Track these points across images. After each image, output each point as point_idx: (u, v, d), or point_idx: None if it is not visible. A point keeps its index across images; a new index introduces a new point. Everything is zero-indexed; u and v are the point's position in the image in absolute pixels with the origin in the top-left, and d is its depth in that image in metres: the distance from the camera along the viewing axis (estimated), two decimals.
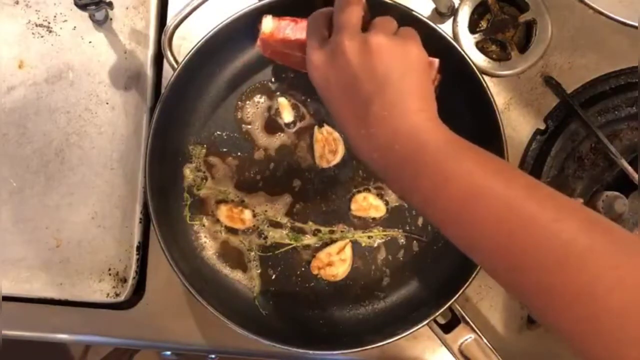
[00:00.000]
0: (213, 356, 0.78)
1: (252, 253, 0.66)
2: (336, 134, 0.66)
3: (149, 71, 0.69)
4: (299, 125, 0.67)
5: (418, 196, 0.43)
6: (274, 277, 0.66)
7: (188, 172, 0.66)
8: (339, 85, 0.46)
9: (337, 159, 0.66)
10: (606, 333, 0.35)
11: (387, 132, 0.44)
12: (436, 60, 0.56)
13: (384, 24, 0.47)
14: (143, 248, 0.67)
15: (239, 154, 0.67)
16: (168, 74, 0.68)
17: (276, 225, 0.66)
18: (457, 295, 0.59)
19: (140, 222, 0.67)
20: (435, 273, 0.65)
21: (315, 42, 0.48)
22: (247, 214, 0.65)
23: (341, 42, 0.45)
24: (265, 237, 0.66)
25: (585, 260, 0.36)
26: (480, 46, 0.69)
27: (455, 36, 0.68)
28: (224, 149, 0.67)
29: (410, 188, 0.44)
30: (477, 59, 0.67)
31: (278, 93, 0.67)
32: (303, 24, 0.57)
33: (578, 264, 0.36)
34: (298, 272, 0.66)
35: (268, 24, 0.57)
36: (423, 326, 0.59)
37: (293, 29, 0.57)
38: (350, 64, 0.44)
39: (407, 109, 0.43)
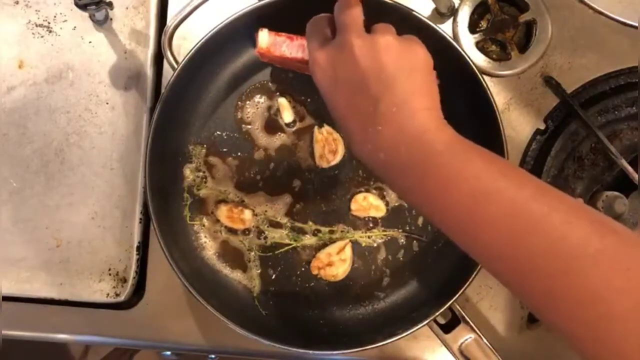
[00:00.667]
0: (213, 356, 0.78)
1: (252, 253, 0.66)
2: (336, 134, 0.66)
3: (149, 71, 0.69)
4: (299, 125, 0.67)
5: (422, 198, 0.43)
6: (274, 277, 0.66)
7: (188, 172, 0.66)
8: (346, 83, 0.45)
9: (337, 159, 0.66)
10: (611, 336, 0.35)
11: (394, 130, 0.43)
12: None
13: (386, 27, 0.47)
14: (143, 248, 0.67)
15: (239, 154, 0.67)
16: (168, 74, 0.68)
17: (276, 225, 0.66)
18: (457, 295, 0.59)
19: (140, 222, 0.67)
20: (435, 273, 0.65)
21: (317, 42, 0.48)
22: (247, 214, 0.65)
23: (349, 40, 0.45)
24: (265, 237, 0.66)
25: (596, 263, 0.36)
26: (480, 46, 0.69)
27: (455, 36, 0.68)
28: (224, 149, 0.67)
29: (414, 189, 0.44)
30: (477, 59, 0.67)
31: (278, 93, 0.67)
32: (299, 41, 0.57)
33: (589, 267, 0.36)
34: (298, 272, 0.66)
35: (264, 38, 0.57)
36: (423, 326, 0.59)
37: (289, 47, 0.57)
38: (358, 62, 0.44)
39: (414, 107, 0.43)
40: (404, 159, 0.43)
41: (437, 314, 0.59)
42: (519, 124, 0.68)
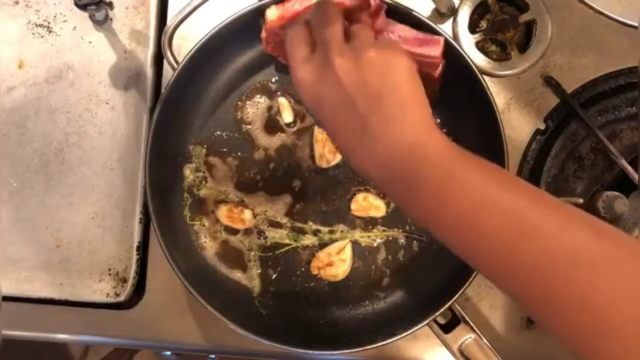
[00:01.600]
0: (213, 356, 0.78)
1: (252, 253, 0.66)
2: None
3: (149, 71, 0.69)
4: (299, 125, 0.67)
5: (421, 211, 0.43)
6: (274, 277, 0.66)
7: (188, 172, 0.66)
8: (332, 103, 0.44)
9: (337, 159, 0.66)
10: (609, 343, 0.35)
11: (386, 148, 0.42)
12: (441, 39, 0.56)
13: (365, 34, 0.46)
14: (143, 248, 0.67)
15: (239, 154, 0.67)
16: (168, 74, 0.68)
17: (276, 225, 0.66)
18: (457, 295, 0.59)
19: (140, 222, 0.67)
20: (436, 273, 0.65)
21: (299, 57, 0.47)
22: (247, 214, 0.65)
23: (330, 59, 0.44)
24: (265, 237, 0.66)
25: (592, 269, 0.36)
26: (480, 46, 0.69)
27: (455, 36, 0.68)
28: (224, 149, 0.67)
29: (412, 204, 0.43)
30: (477, 59, 0.67)
31: (278, 93, 0.67)
32: None
33: (584, 273, 0.36)
34: (298, 272, 0.66)
35: (273, 12, 0.57)
36: (423, 326, 0.59)
37: (301, 3, 0.55)
38: (342, 82, 0.43)
39: (403, 123, 0.42)
40: (398, 176, 0.42)
41: (437, 314, 0.59)
42: (519, 124, 0.68)
